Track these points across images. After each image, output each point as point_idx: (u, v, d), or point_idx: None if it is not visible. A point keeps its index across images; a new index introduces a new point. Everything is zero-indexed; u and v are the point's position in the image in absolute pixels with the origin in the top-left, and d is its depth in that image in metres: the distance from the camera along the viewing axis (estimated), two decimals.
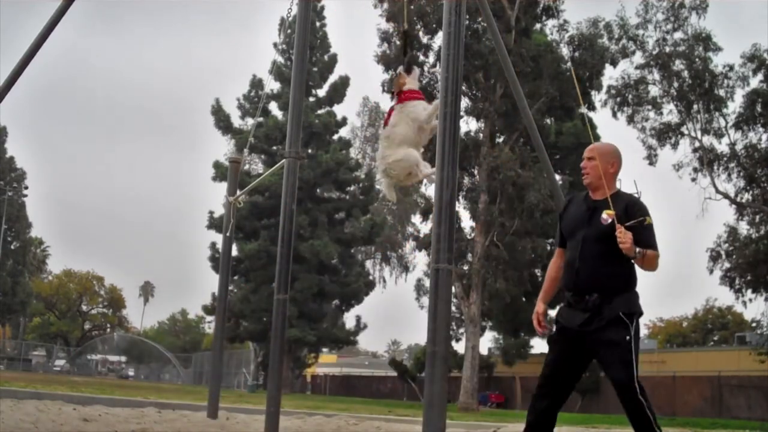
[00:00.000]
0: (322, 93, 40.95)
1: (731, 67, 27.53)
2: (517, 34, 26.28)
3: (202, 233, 64.70)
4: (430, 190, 31.61)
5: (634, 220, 3.88)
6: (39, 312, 63.94)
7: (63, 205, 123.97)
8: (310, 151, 37.90)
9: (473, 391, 26.27)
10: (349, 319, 42.18)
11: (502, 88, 25.73)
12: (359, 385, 46.93)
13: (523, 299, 33.38)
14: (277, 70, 37.27)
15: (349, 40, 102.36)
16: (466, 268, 28.21)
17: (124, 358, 63.66)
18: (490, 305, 29.91)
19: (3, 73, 7.37)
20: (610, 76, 37.12)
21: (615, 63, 28.65)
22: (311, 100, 39.81)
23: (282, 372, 6.70)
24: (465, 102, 27.77)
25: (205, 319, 65.18)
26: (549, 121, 29.68)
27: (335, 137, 41.02)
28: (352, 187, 40.74)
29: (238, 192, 9.35)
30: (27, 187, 55.71)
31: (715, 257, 28.30)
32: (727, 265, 28.09)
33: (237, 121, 40.80)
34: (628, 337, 3.83)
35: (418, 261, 48.91)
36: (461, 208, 28.49)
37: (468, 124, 29.02)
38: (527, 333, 36.64)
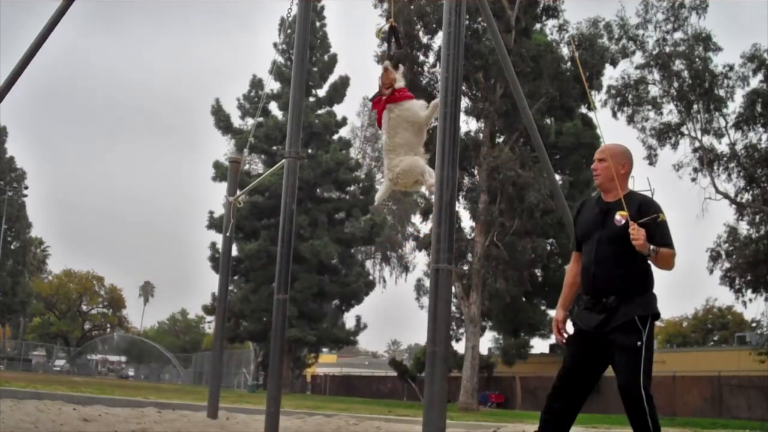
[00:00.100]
0: (322, 93, 40.94)
1: (731, 67, 27.54)
2: (517, 34, 26.28)
3: (202, 233, 64.79)
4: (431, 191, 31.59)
5: (655, 214, 3.86)
6: (39, 312, 63.95)
7: (63, 205, 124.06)
8: (310, 151, 37.90)
9: (473, 391, 26.27)
10: (349, 319, 42.23)
11: (502, 88, 25.73)
12: (359, 385, 46.93)
13: (523, 299, 33.44)
14: (277, 70, 37.26)
15: (349, 40, 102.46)
16: (466, 268, 28.20)
17: (124, 358, 63.64)
18: (490, 305, 29.91)
19: (3, 73, 7.38)
20: (610, 76, 37.17)
21: (615, 63, 28.65)
22: (311, 100, 39.80)
23: (282, 372, 6.70)
24: (465, 102, 27.77)
25: (205, 319, 65.22)
26: (549, 121, 29.68)
27: (335, 137, 41.01)
28: (352, 187, 40.72)
29: (238, 192, 9.35)
30: (27, 187, 55.79)
31: (715, 257, 28.31)
32: (727, 265, 28.11)
33: (237, 121, 40.82)
34: (639, 343, 3.80)
35: (418, 261, 48.96)
36: (461, 208, 28.52)
37: (468, 124, 29.07)
38: (527, 333, 36.70)
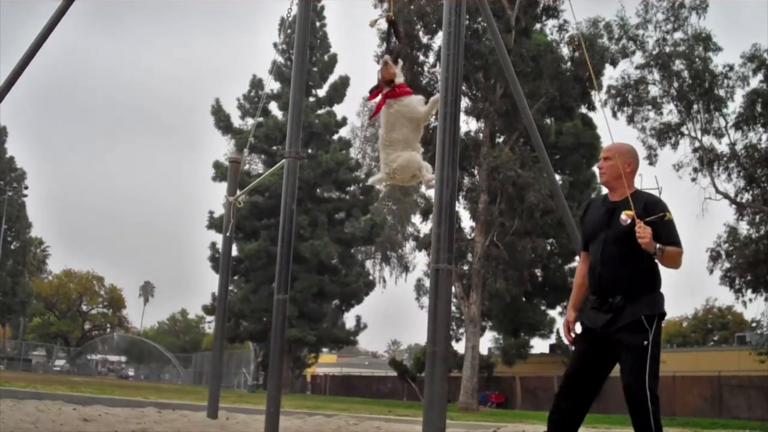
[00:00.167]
0: (322, 93, 40.96)
1: (731, 67, 27.52)
2: (517, 34, 26.27)
3: (202, 233, 64.76)
4: (430, 190, 31.60)
5: (662, 212, 3.85)
6: (39, 312, 63.94)
7: (63, 205, 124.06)
8: (310, 151, 37.91)
9: (473, 391, 26.26)
10: (349, 319, 42.25)
11: (502, 88, 25.72)
12: (359, 385, 46.91)
13: (523, 299, 33.45)
14: (277, 70, 37.27)
15: (349, 40, 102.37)
16: (466, 268, 28.20)
17: (124, 358, 63.63)
18: (490, 305, 29.91)
19: (3, 73, 7.38)
20: (610, 76, 37.12)
21: (615, 63, 28.65)
22: (311, 100, 39.81)
23: (282, 372, 6.70)
24: (465, 102, 27.76)
25: (205, 319, 65.21)
26: (549, 121, 29.68)
27: (335, 137, 41.03)
28: (352, 187, 40.73)
29: (238, 192, 9.36)
30: (27, 187, 55.77)
31: (715, 257, 28.31)
32: (727, 265, 28.10)
33: (237, 121, 40.85)
34: (645, 342, 3.78)
35: (418, 261, 48.98)
36: (461, 208, 28.50)
37: (468, 124, 29.05)
38: (527, 333, 36.69)
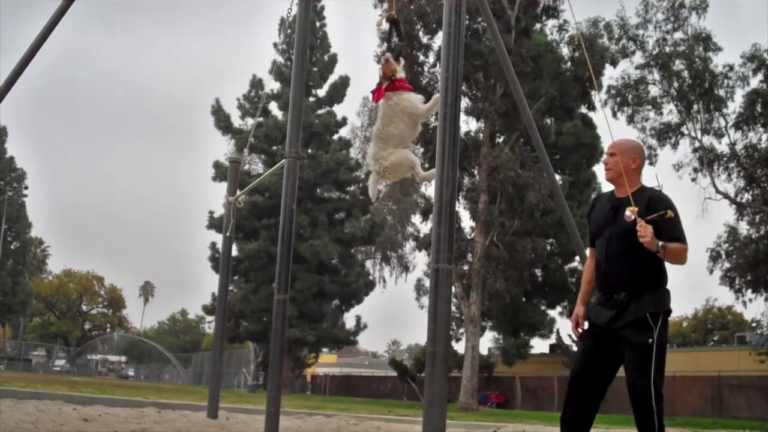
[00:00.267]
0: (322, 93, 40.96)
1: (731, 67, 27.52)
2: (517, 34, 26.27)
3: (202, 233, 64.71)
4: (430, 190, 31.64)
5: (663, 210, 3.84)
6: (39, 312, 63.95)
7: (63, 205, 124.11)
8: (310, 151, 37.90)
9: (473, 391, 26.26)
10: (349, 319, 42.25)
11: (502, 88, 25.72)
12: (359, 385, 46.91)
13: (523, 299, 33.44)
14: (277, 70, 37.27)
15: (349, 40, 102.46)
16: (466, 268, 28.20)
17: (124, 358, 63.63)
18: (490, 305, 29.91)
19: (3, 73, 7.38)
20: (610, 76, 37.11)
21: (615, 63, 28.65)
22: (311, 100, 39.81)
23: (282, 372, 6.70)
24: (465, 102, 27.76)
25: (205, 319, 65.24)
26: (549, 121, 29.68)
27: (335, 137, 41.04)
28: (352, 187, 40.73)
29: (238, 192, 9.35)
30: (27, 187, 55.79)
31: (715, 257, 28.31)
32: (727, 265, 28.10)
33: (237, 121, 40.85)
34: (650, 340, 3.78)
35: (418, 261, 48.95)
36: (461, 208, 28.50)
37: (468, 124, 29.05)
38: (527, 333, 36.69)
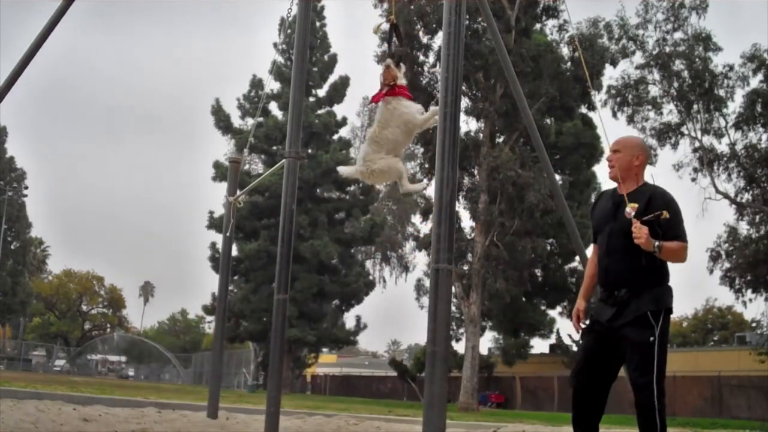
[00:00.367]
0: (322, 93, 40.96)
1: (731, 67, 27.53)
2: (517, 34, 26.27)
3: (202, 233, 64.70)
4: (430, 190, 31.63)
5: (656, 212, 3.83)
6: (39, 312, 63.95)
7: (63, 205, 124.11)
8: (310, 151, 37.90)
9: (473, 391, 26.26)
10: (349, 319, 42.26)
11: (502, 88, 25.72)
12: (359, 385, 46.92)
13: (523, 299, 33.44)
14: (277, 70, 37.27)
15: (349, 40, 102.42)
16: (466, 268, 28.20)
17: (124, 358, 63.64)
18: (490, 305, 29.91)
19: (3, 73, 7.38)
20: (610, 76, 37.15)
21: (615, 63, 28.65)
22: (311, 100, 39.81)
23: (282, 372, 6.70)
24: (465, 102, 27.76)
25: (205, 319, 65.24)
26: (549, 121, 29.68)
27: (335, 137, 41.04)
28: (352, 187, 40.72)
29: (238, 192, 9.34)
30: (27, 187, 55.79)
31: (715, 257, 28.31)
32: (727, 265, 28.11)
33: (237, 121, 40.85)
34: (652, 338, 3.78)
35: (418, 261, 48.99)
36: (461, 208, 28.50)
37: (468, 124, 29.05)
38: (527, 333, 36.69)
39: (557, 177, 23.69)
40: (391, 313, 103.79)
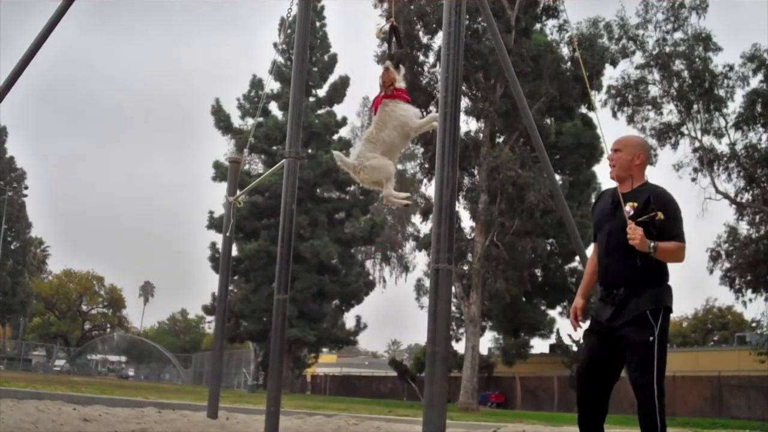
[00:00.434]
0: (322, 93, 40.96)
1: (731, 67, 27.52)
2: (517, 34, 26.26)
3: (202, 233, 64.71)
4: (430, 190, 31.64)
5: (654, 212, 3.82)
6: (39, 312, 63.94)
7: (63, 205, 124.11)
8: (310, 151, 37.90)
9: (473, 391, 26.25)
10: (349, 319, 42.25)
11: (502, 88, 25.71)
12: (359, 385, 46.92)
13: (523, 299, 33.43)
14: (277, 70, 37.27)
15: (349, 40, 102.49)
16: (466, 268, 28.19)
17: (124, 358, 63.63)
18: (490, 305, 29.90)
19: (3, 73, 7.38)
20: (610, 76, 37.15)
21: (615, 63, 28.63)
22: (311, 100, 39.80)
23: (282, 372, 6.70)
24: (465, 102, 27.75)
25: (205, 319, 65.22)
26: (549, 121, 29.67)
27: (335, 137, 41.02)
28: (352, 187, 40.69)
29: (238, 192, 9.34)
30: (27, 187, 55.79)
31: (715, 257, 28.31)
32: (727, 265, 28.10)
33: (237, 121, 40.85)
34: (651, 338, 3.78)
35: (418, 261, 48.97)
36: (461, 208, 28.50)
37: (468, 124, 29.04)
38: (527, 333, 36.68)
39: (557, 177, 23.69)
40: (391, 313, 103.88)
